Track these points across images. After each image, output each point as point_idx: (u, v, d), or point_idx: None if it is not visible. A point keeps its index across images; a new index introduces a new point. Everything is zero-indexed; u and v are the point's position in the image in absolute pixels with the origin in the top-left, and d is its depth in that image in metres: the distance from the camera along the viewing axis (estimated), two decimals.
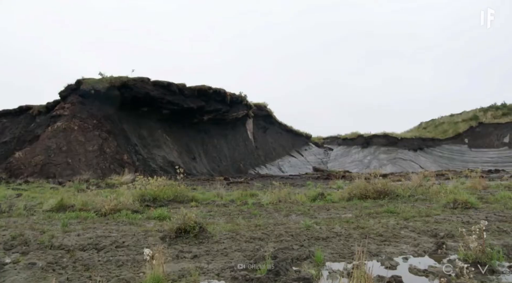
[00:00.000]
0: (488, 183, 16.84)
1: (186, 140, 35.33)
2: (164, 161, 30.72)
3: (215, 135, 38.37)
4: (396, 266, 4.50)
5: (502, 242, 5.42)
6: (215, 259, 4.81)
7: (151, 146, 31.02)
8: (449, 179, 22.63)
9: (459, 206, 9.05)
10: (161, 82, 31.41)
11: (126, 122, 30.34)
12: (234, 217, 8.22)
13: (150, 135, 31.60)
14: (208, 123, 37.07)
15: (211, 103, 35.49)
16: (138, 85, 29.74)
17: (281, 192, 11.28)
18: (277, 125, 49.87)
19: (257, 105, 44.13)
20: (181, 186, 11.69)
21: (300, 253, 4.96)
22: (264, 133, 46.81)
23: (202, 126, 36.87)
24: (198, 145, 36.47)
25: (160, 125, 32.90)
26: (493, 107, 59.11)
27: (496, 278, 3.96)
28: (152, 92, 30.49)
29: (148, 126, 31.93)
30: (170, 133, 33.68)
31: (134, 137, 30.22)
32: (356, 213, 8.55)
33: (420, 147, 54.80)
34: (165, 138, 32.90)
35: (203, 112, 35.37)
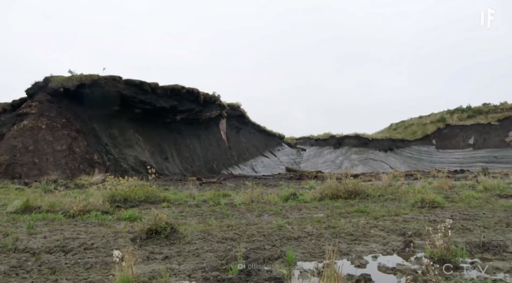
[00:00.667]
0: (454, 182, 17.41)
1: (159, 140, 34.89)
2: (135, 161, 30.24)
3: (188, 135, 38.06)
4: (365, 265, 4.58)
5: (466, 239, 5.61)
6: (186, 260, 4.76)
7: (123, 146, 30.47)
8: (418, 179, 23.23)
9: (427, 205, 9.31)
10: (133, 81, 30.91)
11: (96, 121, 29.69)
12: (206, 218, 8.18)
13: (121, 135, 31.04)
14: (181, 123, 36.73)
15: (184, 103, 35.19)
16: (110, 83, 29.16)
17: (254, 192, 11.30)
18: (251, 126, 49.96)
19: (230, 105, 44.07)
20: (152, 186, 11.54)
21: (272, 253, 4.98)
22: (237, 133, 46.79)
23: (175, 126, 36.51)
24: (171, 145, 36.08)
25: (132, 125, 32.36)
26: (459, 110, 61.16)
27: (459, 274, 4.10)
28: (124, 91, 29.96)
29: (120, 126, 31.34)
30: (142, 133, 33.18)
31: (104, 136, 29.60)
32: (328, 212, 8.67)
33: (390, 147, 56.07)
34: (137, 138, 32.39)
35: (176, 112, 35.03)
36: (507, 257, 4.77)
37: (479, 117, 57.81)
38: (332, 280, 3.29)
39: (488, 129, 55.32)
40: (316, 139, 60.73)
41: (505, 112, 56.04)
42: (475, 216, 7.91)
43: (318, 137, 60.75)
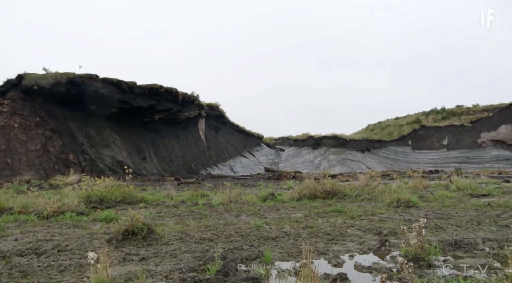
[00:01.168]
0: (429, 182, 17.80)
1: (136, 140, 34.43)
2: (112, 161, 29.75)
3: (166, 135, 37.69)
4: (342, 264, 4.64)
5: (439, 238, 5.75)
6: (163, 261, 4.72)
7: (99, 145, 29.92)
8: (394, 179, 23.64)
9: (402, 205, 9.50)
10: (110, 79, 30.38)
11: (72, 120, 29.06)
12: (184, 218, 8.12)
13: (98, 135, 30.47)
14: (159, 123, 36.35)
15: (163, 102, 34.83)
16: (86, 82, 28.57)
17: (232, 192, 11.29)
18: (229, 126, 49.87)
19: (209, 105, 43.87)
20: (129, 186, 11.38)
21: (249, 253, 4.98)
22: (216, 133, 46.63)
23: (153, 125, 36.09)
24: (149, 145, 35.66)
25: (109, 124, 31.81)
26: (434, 111, 62.64)
27: (432, 271, 4.20)
28: (101, 90, 29.41)
29: (96, 125, 30.76)
30: (119, 133, 32.67)
31: (81, 136, 29.00)
32: (305, 212, 8.74)
33: (368, 148, 56.91)
34: (114, 137, 31.87)
35: (154, 111, 34.63)
36: (478, 254, 4.91)
37: (452, 119, 59.34)
38: (309, 279, 3.32)
39: (461, 130, 56.84)
40: (294, 140, 61.13)
41: (477, 114, 57.69)
42: (448, 215, 8.11)
43: (296, 137, 61.16)
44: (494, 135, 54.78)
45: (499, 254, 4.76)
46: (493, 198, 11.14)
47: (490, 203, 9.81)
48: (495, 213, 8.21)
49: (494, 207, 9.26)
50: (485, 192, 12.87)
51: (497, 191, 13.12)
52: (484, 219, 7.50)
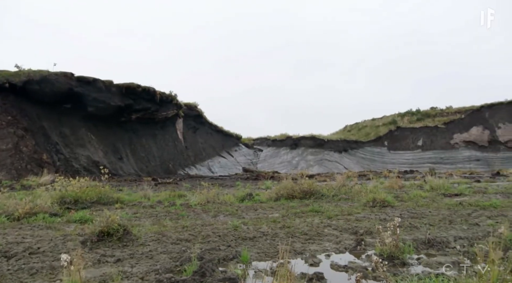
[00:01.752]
0: (404, 182, 18.15)
1: (113, 139, 33.88)
2: (88, 160, 29.18)
3: (144, 134, 37.23)
4: (319, 263, 4.68)
5: (413, 236, 5.88)
6: (139, 262, 4.66)
7: (74, 145, 29.30)
8: (370, 179, 24.01)
9: (378, 205, 9.66)
10: (86, 78, 29.83)
11: (46, 119, 28.35)
12: (161, 219, 8.05)
13: (73, 134, 29.83)
14: (136, 123, 35.88)
15: (140, 101, 34.42)
16: (61, 80, 27.95)
17: (210, 192, 11.24)
18: (208, 126, 49.65)
19: (187, 105, 43.58)
20: (105, 187, 11.20)
21: (227, 253, 4.98)
22: (194, 133, 46.34)
23: (130, 125, 35.61)
24: (126, 145, 35.15)
25: (84, 124, 31.19)
26: (409, 113, 63.99)
27: (406, 270, 4.28)
28: (76, 88, 28.84)
29: (71, 124, 30.11)
30: (95, 132, 32.07)
31: (55, 135, 28.33)
32: (283, 212, 8.78)
33: (345, 148, 57.62)
34: (90, 137, 31.27)
35: (131, 111, 34.19)
36: (449, 252, 5.04)
37: (427, 120, 60.79)
38: (286, 279, 3.34)
39: (435, 131, 58.27)
40: (273, 140, 61.34)
41: (450, 116, 59.27)
42: (422, 214, 8.29)
43: (275, 138, 61.39)
44: (466, 136, 56.37)
45: (469, 252, 4.90)
46: (465, 198, 11.46)
47: (462, 202, 10.08)
48: (466, 212, 8.45)
49: (465, 206, 9.52)
50: (457, 191, 13.23)
51: (468, 191, 13.51)
52: (456, 217, 7.71)
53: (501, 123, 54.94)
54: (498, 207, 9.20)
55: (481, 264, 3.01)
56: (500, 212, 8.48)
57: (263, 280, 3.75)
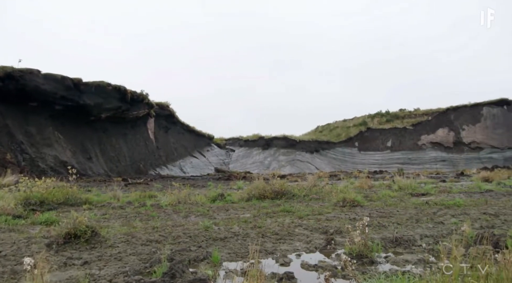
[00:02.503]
0: (373, 182, 18.55)
1: (82, 139, 33.02)
2: (55, 160, 28.34)
3: (114, 134, 36.48)
4: (289, 263, 4.71)
5: (381, 235, 6.01)
6: (108, 265, 4.56)
7: (41, 145, 28.39)
8: (341, 179, 24.41)
9: (348, 204, 9.82)
10: (53, 75, 28.94)
11: (10, 117, 27.33)
12: (131, 220, 7.91)
13: (39, 133, 28.89)
14: (106, 122, 35.11)
15: (110, 100, 33.70)
16: (26, 77, 27.02)
17: (181, 193, 11.14)
18: (180, 126, 49.14)
19: (159, 104, 43.02)
20: (73, 187, 10.91)
21: (197, 254, 4.94)
22: (166, 133, 45.78)
23: (100, 124, 34.80)
24: (95, 144, 34.33)
25: (51, 122, 30.26)
26: (379, 114, 65.43)
27: (374, 268, 4.38)
28: (43, 86, 27.95)
29: (38, 123, 29.15)
30: (63, 131, 31.17)
31: (20, 134, 27.36)
32: (254, 213, 8.80)
33: (317, 149, 58.30)
34: (57, 136, 30.37)
35: (101, 109, 33.42)
36: (415, 250, 5.19)
37: (396, 121, 62.35)
38: (256, 279, 3.35)
39: (404, 133, 59.84)
40: (245, 141, 61.41)
41: (418, 118, 61.03)
42: (390, 213, 8.49)
43: (247, 138, 61.47)
44: (433, 137, 58.16)
45: (434, 249, 5.06)
46: (431, 197, 11.82)
47: (428, 201, 10.39)
48: (432, 211, 8.71)
49: (431, 205, 9.82)
50: (424, 191, 13.64)
51: (434, 190, 13.94)
52: (422, 216, 7.94)
53: (465, 125, 57.00)
54: (461, 206, 9.55)
55: (445, 261, 3.11)
56: (463, 210, 8.79)
57: (234, 280, 3.75)
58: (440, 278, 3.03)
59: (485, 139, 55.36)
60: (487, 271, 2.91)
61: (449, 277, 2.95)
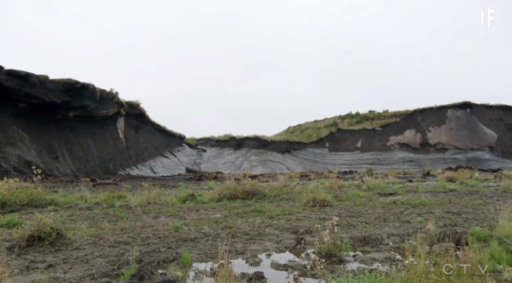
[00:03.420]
0: (343, 183, 18.86)
1: (48, 138, 32.00)
2: (19, 160, 27.35)
3: (82, 133, 35.54)
4: (259, 263, 4.73)
5: (350, 234, 6.12)
6: (73, 267, 4.44)
7: (3, 144, 27.32)
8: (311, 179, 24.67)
9: (318, 204, 9.94)
10: (17, 71, 27.89)
11: None
12: (99, 221, 7.73)
13: (1, 132, 27.79)
14: (74, 120, 34.14)
15: (78, 99, 32.81)
16: None
17: (151, 193, 10.99)
18: (150, 125, 48.37)
19: (129, 103, 42.21)
20: (38, 188, 10.55)
21: (167, 255, 4.89)
22: (136, 133, 45.00)
23: (67, 123, 33.82)
24: (62, 144, 33.34)
25: (15, 121, 29.16)
26: (349, 116, 66.60)
27: (343, 266, 4.46)
28: (6, 83, 26.89)
29: (0, 122, 28.06)
30: (27, 130, 30.11)
31: None
32: (225, 213, 8.78)
33: (288, 149, 58.73)
34: (21, 135, 29.30)
35: (68, 108, 32.48)
36: (383, 248, 5.31)
37: (365, 123, 63.63)
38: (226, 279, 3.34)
39: (373, 134, 61.14)
40: (217, 141, 61.17)
41: (386, 119, 62.51)
42: (359, 213, 8.66)
43: (218, 138, 61.25)
44: (401, 139, 59.68)
45: (400, 247, 5.19)
46: (398, 196, 12.13)
47: (395, 201, 10.65)
48: (399, 210, 8.94)
49: (398, 204, 10.08)
50: (392, 191, 13.99)
51: (401, 190, 14.31)
52: (390, 216, 8.13)
53: (431, 127, 58.81)
54: (426, 205, 9.85)
55: (410, 259, 3.19)
56: (428, 209, 9.07)
57: (203, 281, 3.72)
58: (405, 275, 3.11)
59: (449, 141, 57.27)
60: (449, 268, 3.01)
61: (414, 274, 3.04)
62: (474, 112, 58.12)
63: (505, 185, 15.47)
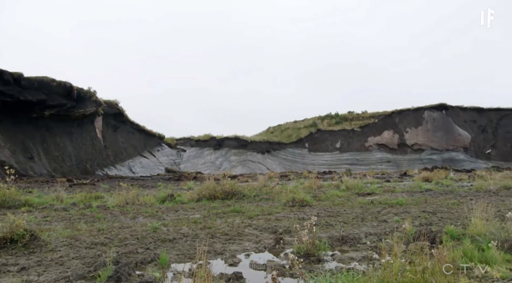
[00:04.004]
0: (322, 183, 19.02)
1: (22, 137, 31.20)
2: None
3: (59, 132, 34.78)
4: (238, 263, 4.72)
5: (329, 234, 6.17)
6: (48, 270, 4.33)
7: None
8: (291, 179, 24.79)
9: (297, 204, 10.00)
10: None
11: None
12: (75, 222, 7.58)
13: None
14: (50, 119, 33.38)
15: (55, 97, 32.11)
16: None
17: (129, 193, 10.84)
18: (129, 125, 47.71)
19: (107, 102, 41.55)
20: (11, 188, 10.27)
21: (145, 256, 4.83)
22: (115, 132, 44.33)
23: (43, 122, 33.04)
24: (37, 143, 32.56)
25: None
26: (329, 116, 67.29)
27: (321, 266, 4.49)
28: None
29: None
30: (1, 129, 29.30)
31: None
32: (204, 213, 8.74)
33: (268, 149, 58.88)
34: None
35: (44, 106, 31.74)
36: (360, 247, 5.38)
37: (345, 123, 64.42)
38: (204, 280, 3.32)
39: (352, 134, 61.92)
40: (196, 141, 60.82)
41: (365, 120, 63.42)
42: (337, 212, 8.75)
43: (198, 138, 60.92)
44: (379, 139, 60.63)
45: (377, 247, 5.27)
46: (376, 196, 12.32)
47: (373, 200, 10.81)
48: (377, 210, 9.08)
49: (376, 204, 10.23)
50: (370, 191, 14.19)
51: (379, 190, 14.54)
52: (367, 215, 8.25)
53: (408, 128, 59.95)
54: (403, 205, 10.03)
55: (386, 257, 3.25)
56: (405, 209, 9.24)
57: (181, 282, 3.71)
58: (381, 274, 3.16)
59: (426, 142, 58.49)
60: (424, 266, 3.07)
61: (390, 273, 3.09)
62: (449, 114, 59.54)
63: (478, 185, 15.92)
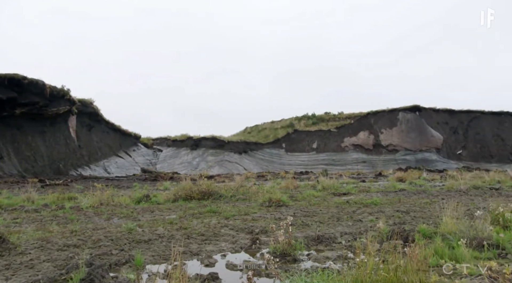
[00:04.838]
0: (299, 183, 19.15)
1: None
2: None
3: (30, 131, 33.82)
4: (214, 264, 4.71)
5: (305, 234, 6.22)
6: (16, 274, 4.21)
7: None
8: (268, 180, 24.86)
9: (274, 204, 10.04)
10: None
11: None
12: (47, 223, 7.40)
13: None
14: (21, 118, 32.42)
15: (26, 95, 31.20)
16: None
17: (104, 194, 10.66)
18: (104, 124, 46.83)
19: (82, 101, 40.66)
20: None
21: (119, 257, 4.76)
22: (89, 131, 43.44)
23: (14, 121, 32.06)
24: (7, 142, 31.58)
25: None
26: (306, 117, 67.82)
27: (297, 265, 4.52)
28: None
29: None
30: None
31: None
32: (180, 214, 8.67)
33: (245, 150, 58.89)
34: None
35: (15, 104, 30.81)
36: (336, 247, 5.45)
37: (321, 124, 65.06)
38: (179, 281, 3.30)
39: (329, 135, 62.60)
40: (173, 140, 60.27)
41: (341, 121, 64.26)
42: (313, 212, 8.82)
43: (175, 138, 60.38)
44: (355, 140, 61.51)
45: (352, 246, 5.34)
46: (351, 196, 12.49)
47: (349, 200, 10.96)
48: (352, 210, 9.20)
49: (351, 204, 10.37)
50: (345, 191, 14.38)
51: (354, 190, 14.75)
52: (343, 215, 8.35)
53: (383, 129, 61.05)
54: (378, 204, 10.21)
55: (361, 256, 3.30)
56: (379, 208, 9.41)
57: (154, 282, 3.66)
58: (355, 273, 3.21)
59: (400, 142, 59.68)
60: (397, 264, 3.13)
61: (364, 271, 3.13)
62: (422, 115, 60.95)
63: (449, 185, 16.37)
